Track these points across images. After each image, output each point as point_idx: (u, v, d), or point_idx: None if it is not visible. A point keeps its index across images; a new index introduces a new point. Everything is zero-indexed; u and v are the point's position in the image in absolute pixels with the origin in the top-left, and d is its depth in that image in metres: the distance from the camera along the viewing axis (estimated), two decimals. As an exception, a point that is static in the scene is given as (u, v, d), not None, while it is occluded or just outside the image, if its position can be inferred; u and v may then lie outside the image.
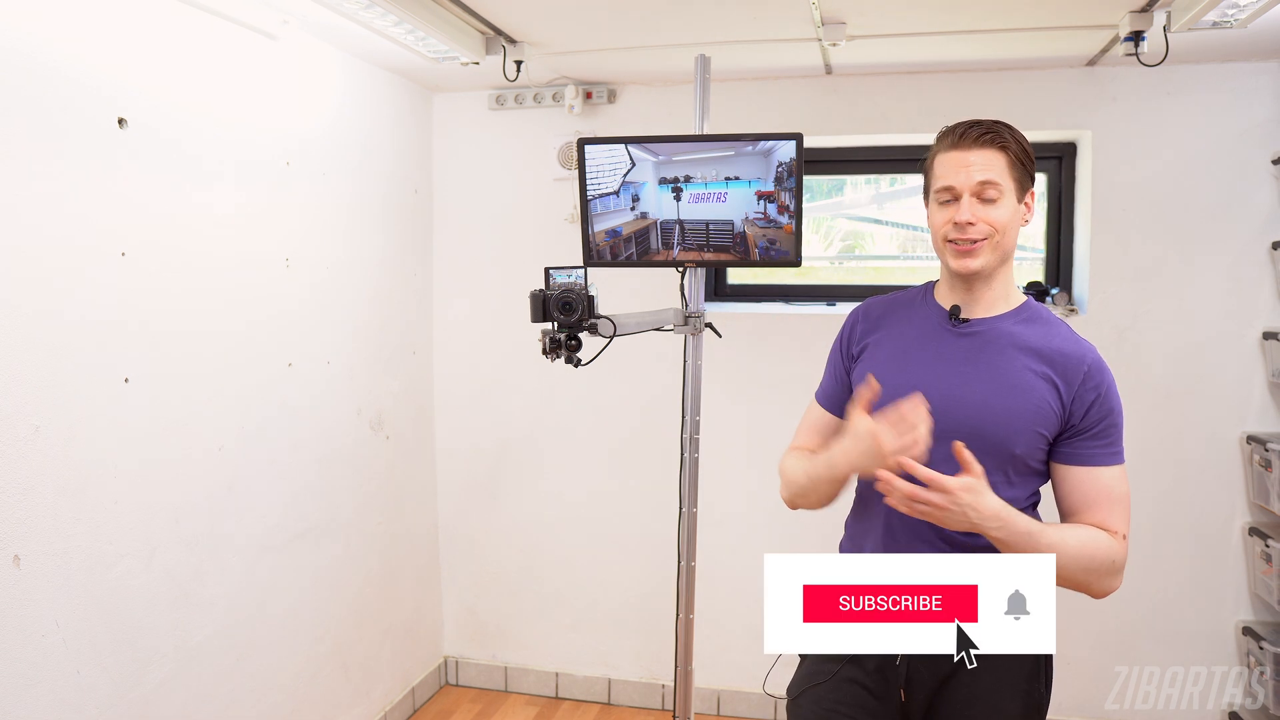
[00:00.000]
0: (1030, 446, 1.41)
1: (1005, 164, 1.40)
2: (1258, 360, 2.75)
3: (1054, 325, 1.47)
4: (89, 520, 1.84)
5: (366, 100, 2.83)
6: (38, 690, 1.73)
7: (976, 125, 1.42)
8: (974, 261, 1.41)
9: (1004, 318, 1.47)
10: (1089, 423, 1.42)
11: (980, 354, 1.44)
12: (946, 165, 1.42)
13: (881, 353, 1.52)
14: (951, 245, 1.42)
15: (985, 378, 1.42)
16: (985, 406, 1.39)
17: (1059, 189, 2.99)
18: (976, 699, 1.43)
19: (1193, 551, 2.83)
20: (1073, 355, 1.43)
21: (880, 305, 1.59)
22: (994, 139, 1.40)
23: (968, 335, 1.46)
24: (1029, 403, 1.40)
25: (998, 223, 1.40)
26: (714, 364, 2.51)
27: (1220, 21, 2.14)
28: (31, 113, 1.70)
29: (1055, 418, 1.41)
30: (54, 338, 1.76)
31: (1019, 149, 1.42)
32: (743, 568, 3.07)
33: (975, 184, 1.39)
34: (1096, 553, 1.38)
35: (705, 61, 2.06)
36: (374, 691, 2.94)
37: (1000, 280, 1.47)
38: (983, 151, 1.40)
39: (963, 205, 1.40)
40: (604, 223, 2.02)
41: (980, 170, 1.39)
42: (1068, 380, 1.41)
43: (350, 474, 2.79)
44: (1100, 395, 1.42)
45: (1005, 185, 1.40)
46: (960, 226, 1.40)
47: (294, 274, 2.48)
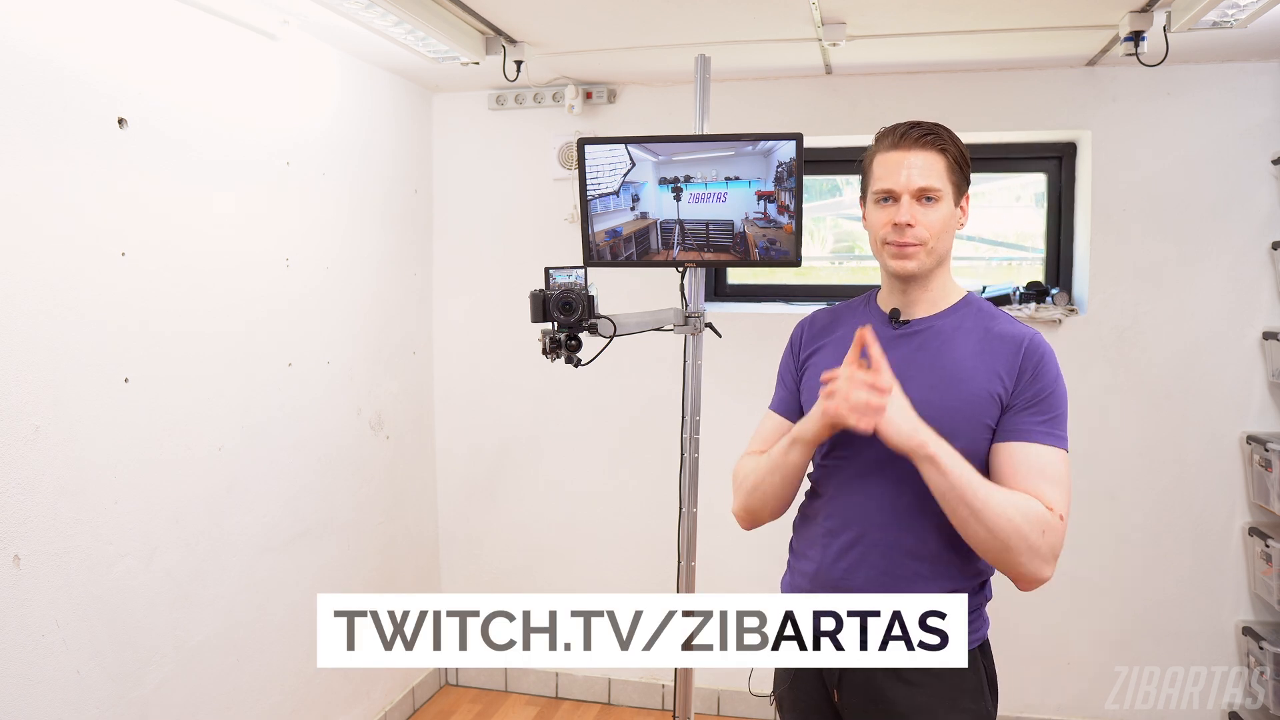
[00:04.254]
0: (974, 439, 1.38)
1: (944, 167, 1.40)
2: (1258, 360, 2.76)
3: (993, 315, 1.46)
4: (89, 520, 1.84)
5: (366, 100, 2.83)
6: (38, 690, 1.73)
7: (917, 126, 1.42)
8: (910, 263, 1.41)
9: (943, 315, 1.46)
10: (1021, 395, 1.38)
11: (919, 353, 1.44)
12: (886, 166, 1.42)
13: (826, 359, 1.52)
14: (890, 247, 1.42)
15: (925, 376, 1.41)
16: (925, 404, 1.36)
17: (1059, 189, 2.99)
18: (920, 711, 1.42)
19: (1193, 551, 2.83)
20: (1011, 336, 1.41)
21: (826, 315, 1.61)
22: (934, 141, 1.40)
23: (907, 336, 1.46)
24: (969, 394, 1.38)
25: (934, 226, 1.40)
26: (714, 364, 2.51)
27: (1220, 21, 2.14)
28: (32, 113, 1.70)
29: (998, 406, 1.38)
30: (54, 338, 1.76)
31: (957, 152, 1.42)
32: (743, 568, 3.07)
33: (915, 188, 1.39)
34: (1029, 516, 1.30)
35: (705, 61, 2.06)
36: (374, 691, 2.94)
37: (938, 281, 1.47)
38: (923, 153, 1.40)
39: (902, 206, 1.40)
40: (604, 223, 2.02)
41: (920, 174, 1.39)
42: (1009, 363, 1.39)
43: (350, 474, 2.79)
44: (1034, 370, 1.38)
45: (944, 188, 1.40)
46: (899, 228, 1.40)
47: (294, 274, 2.48)
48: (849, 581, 1.45)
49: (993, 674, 1.49)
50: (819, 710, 1.52)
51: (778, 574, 1.64)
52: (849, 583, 1.45)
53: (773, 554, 2.92)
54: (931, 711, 1.42)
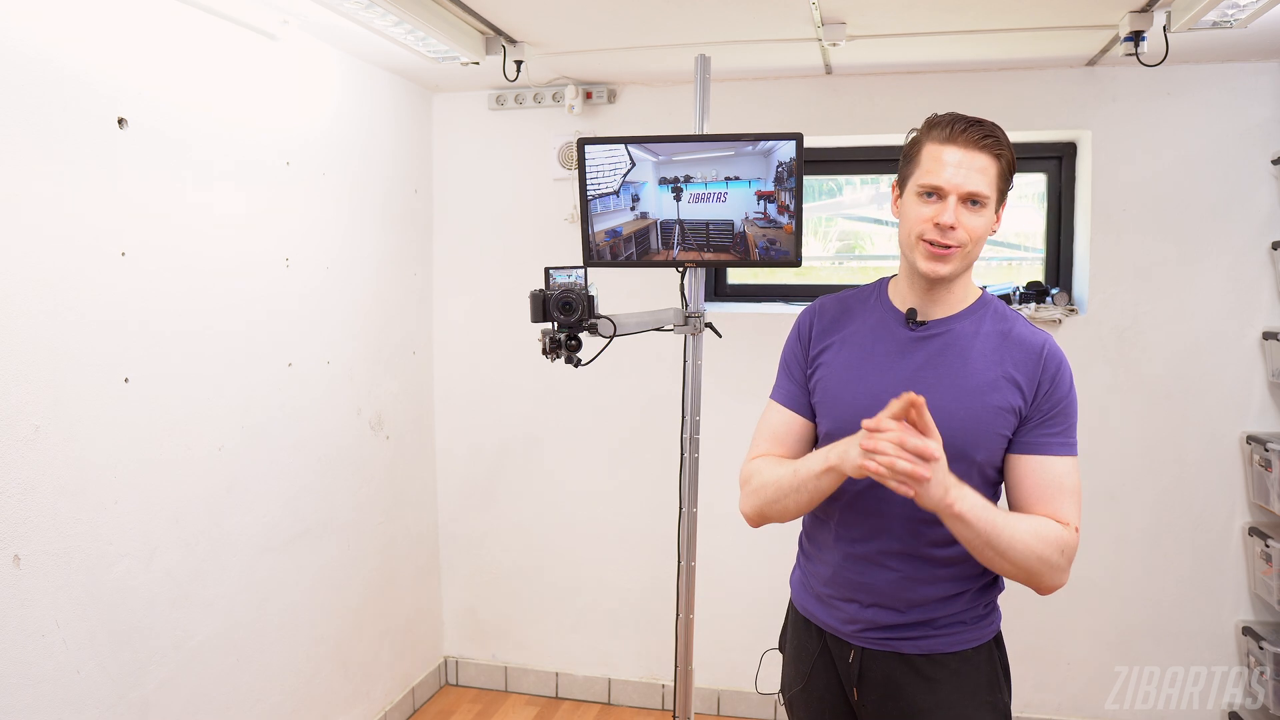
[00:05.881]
0: (992, 451, 1.38)
1: (997, 173, 1.34)
2: (1258, 360, 2.76)
3: (1010, 319, 1.43)
4: (89, 520, 1.84)
5: (366, 100, 2.83)
6: (38, 690, 1.73)
7: (978, 126, 1.34)
8: (945, 267, 1.36)
9: (960, 317, 1.43)
10: (1040, 409, 1.37)
11: (940, 358, 1.40)
12: (938, 160, 1.34)
13: (839, 358, 1.47)
14: (926, 245, 1.35)
15: (946, 383, 1.38)
16: (947, 413, 1.34)
17: (1059, 189, 2.99)
18: (940, 707, 1.42)
19: (1193, 551, 2.83)
20: (1029, 345, 1.39)
21: (834, 305, 1.53)
22: (993, 145, 1.34)
23: (926, 339, 1.42)
24: (990, 405, 1.36)
25: (975, 232, 1.35)
26: (714, 364, 2.51)
27: (1220, 21, 2.14)
28: (31, 113, 1.70)
29: (1017, 417, 1.37)
30: (54, 338, 1.76)
31: (1011, 159, 1.36)
32: (743, 568, 3.07)
33: (966, 191, 1.33)
34: (1049, 541, 1.31)
35: (705, 61, 2.06)
36: (374, 691, 2.94)
37: (961, 283, 1.43)
38: (980, 155, 1.33)
39: (948, 206, 1.33)
40: (604, 223, 2.02)
41: (974, 177, 1.32)
42: (1027, 372, 1.37)
43: (350, 474, 2.79)
44: (1054, 381, 1.37)
45: (991, 195, 1.34)
46: (941, 229, 1.33)
47: (294, 274, 2.48)
48: (866, 586, 1.44)
49: (1006, 666, 1.49)
50: (835, 710, 1.51)
51: (777, 573, 1.64)
52: (866, 587, 1.44)
53: (773, 554, 2.93)
54: (950, 706, 1.42)
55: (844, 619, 1.47)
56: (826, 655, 1.51)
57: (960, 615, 1.43)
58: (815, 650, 1.53)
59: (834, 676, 1.51)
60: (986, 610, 1.46)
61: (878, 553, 1.43)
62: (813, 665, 1.53)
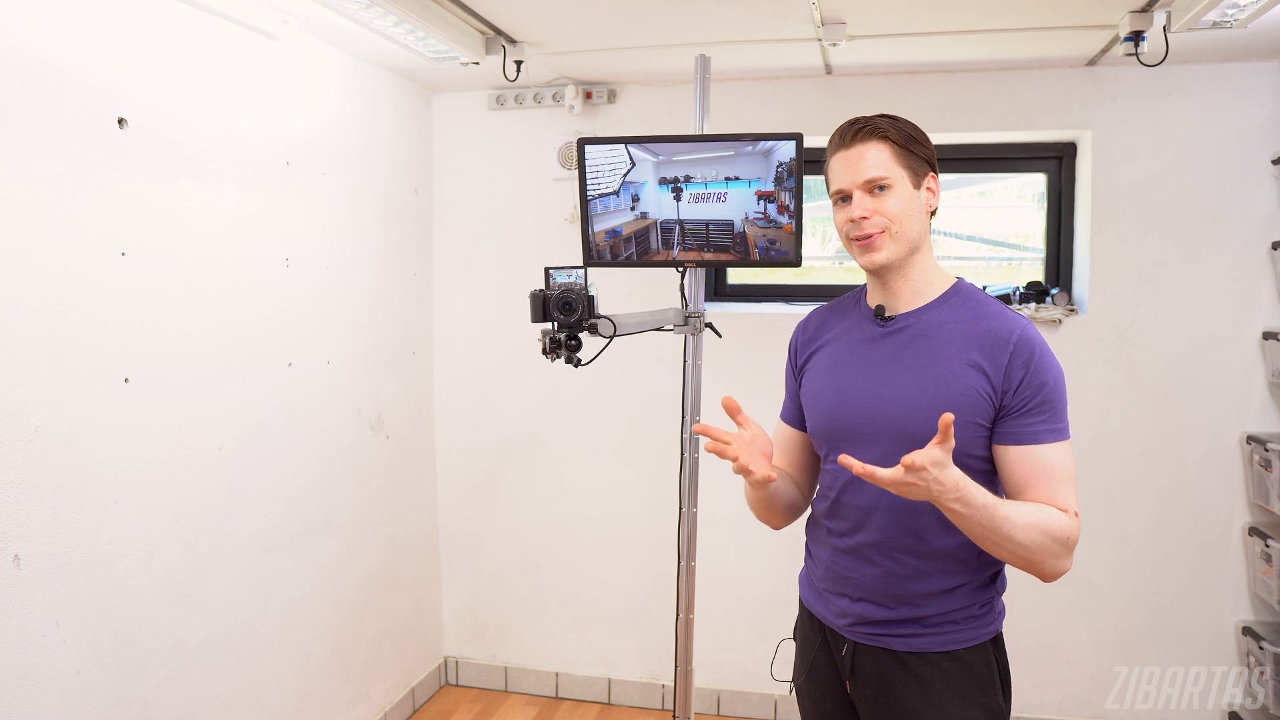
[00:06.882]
0: (965, 439, 1.35)
1: (889, 154, 1.41)
2: (1258, 360, 2.76)
3: (982, 304, 1.44)
4: (89, 520, 1.85)
5: (366, 100, 2.83)
6: (38, 690, 1.73)
7: (855, 122, 1.44)
8: (878, 254, 1.42)
9: (928, 308, 1.45)
10: (1021, 399, 1.36)
11: (905, 350, 1.43)
12: (836, 168, 1.45)
13: (822, 361, 1.54)
14: (854, 242, 1.44)
15: (911, 374, 1.40)
16: (912, 404, 1.37)
17: (1059, 189, 2.99)
18: (931, 707, 1.42)
19: (1193, 551, 2.83)
20: (999, 333, 1.38)
21: (819, 315, 1.62)
22: (872, 131, 1.41)
23: (894, 332, 1.45)
24: (955, 392, 1.36)
25: (891, 212, 1.40)
26: (714, 364, 2.51)
27: (1220, 21, 2.14)
28: (32, 113, 1.70)
29: (987, 402, 1.36)
30: (54, 338, 1.76)
31: (902, 136, 1.42)
32: (743, 568, 3.07)
33: (862, 181, 1.41)
34: (1051, 528, 1.30)
35: (705, 61, 2.06)
36: (374, 691, 2.94)
37: (918, 270, 1.45)
38: (864, 146, 1.41)
39: (854, 202, 1.42)
40: (604, 223, 2.02)
41: (864, 166, 1.41)
42: (994, 359, 1.37)
43: (350, 474, 2.79)
44: (1030, 369, 1.35)
45: (894, 174, 1.41)
46: (856, 223, 1.42)
47: (294, 274, 2.48)
48: (854, 580, 1.46)
49: (1005, 668, 1.48)
50: (834, 700, 1.54)
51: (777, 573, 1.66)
52: (854, 582, 1.46)
53: (772, 554, 2.93)
54: (941, 705, 1.42)
55: (837, 612, 1.51)
56: (826, 648, 1.55)
57: (952, 614, 1.43)
58: (816, 642, 1.57)
59: (833, 669, 1.54)
60: (983, 610, 1.45)
61: (862, 546, 1.46)
62: (814, 657, 1.57)
